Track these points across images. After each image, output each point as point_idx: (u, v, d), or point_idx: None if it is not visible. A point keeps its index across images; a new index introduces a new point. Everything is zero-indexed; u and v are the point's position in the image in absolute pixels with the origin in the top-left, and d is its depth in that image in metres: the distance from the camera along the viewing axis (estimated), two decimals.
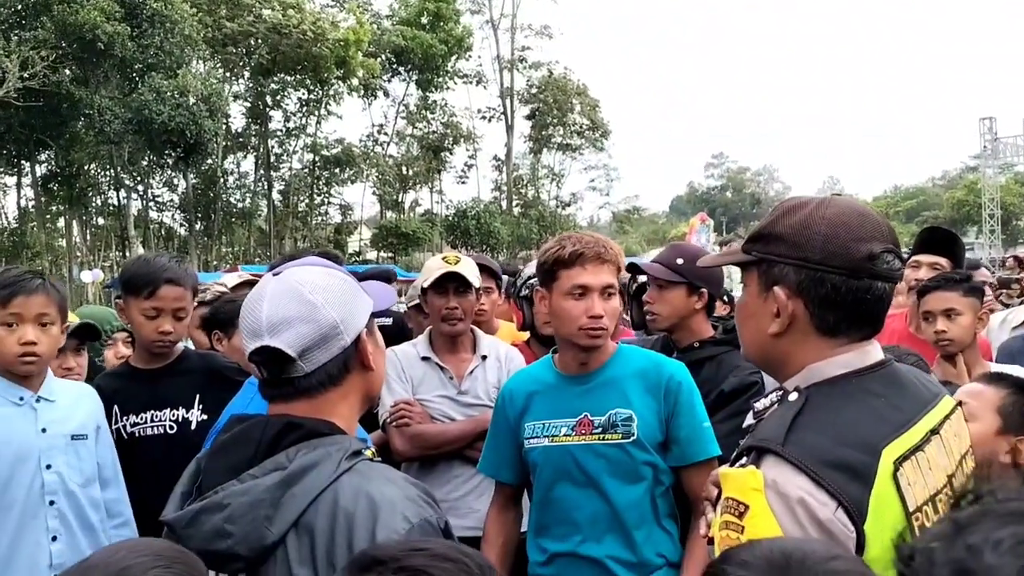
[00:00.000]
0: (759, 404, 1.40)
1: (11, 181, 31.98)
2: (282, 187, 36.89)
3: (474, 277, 2.93)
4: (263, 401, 1.46)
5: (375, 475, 1.36)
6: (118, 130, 26.38)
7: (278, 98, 34.56)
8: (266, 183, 35.88)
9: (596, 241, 2.27)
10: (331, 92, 34.76)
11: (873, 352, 1.37)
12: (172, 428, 2.62)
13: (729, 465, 1.32)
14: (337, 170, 36.77)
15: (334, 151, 36.42)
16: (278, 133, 35.87)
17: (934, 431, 1.31)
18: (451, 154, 40.76)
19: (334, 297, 1.40)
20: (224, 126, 30.92)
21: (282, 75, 32.87)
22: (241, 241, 36.86)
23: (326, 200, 38.34)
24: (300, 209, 37.49)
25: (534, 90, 41.66)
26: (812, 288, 1.32)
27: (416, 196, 41.82)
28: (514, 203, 42.00)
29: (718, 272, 2.92)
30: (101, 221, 34.34)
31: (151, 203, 34.25)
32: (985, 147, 44.91)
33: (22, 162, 30.03)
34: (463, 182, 44.16)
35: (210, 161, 31.76)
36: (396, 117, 39.40)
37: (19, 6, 25.09)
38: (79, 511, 2.32)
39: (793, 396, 1.32)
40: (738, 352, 2.67)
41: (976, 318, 2.97)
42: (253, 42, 30.74)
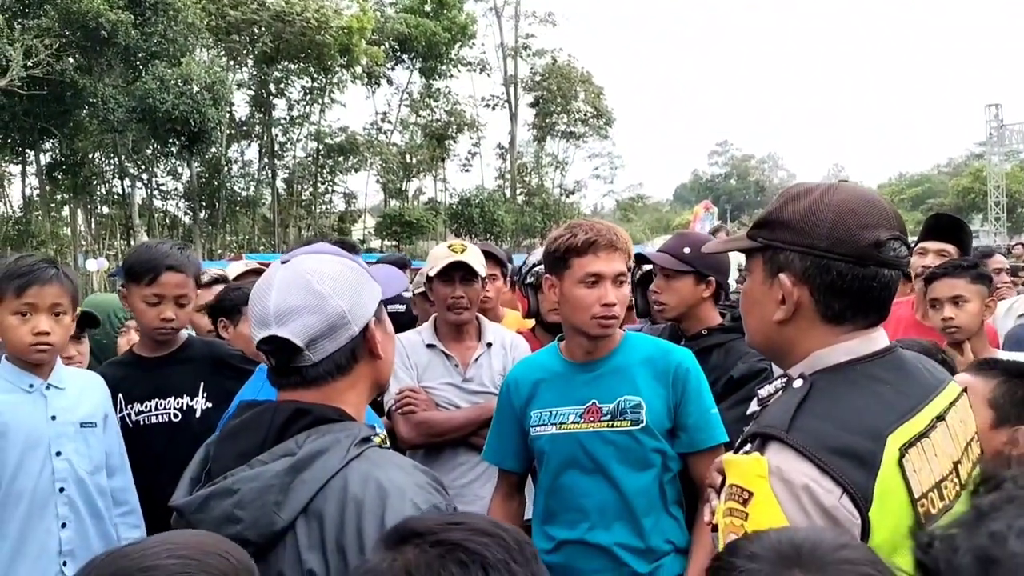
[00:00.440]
0: (763, 391, 1.39)
1: (16, 170, 31.99)
2: (286, 175, 36.87)
3: (480, 266, 2.93)
4: (273, 388, 1.47)
5: (384, 461, 1.37)
6: (122, 118, 26.36)
7: (282, 86, 34.49)
8: (270, 171, 35.86)
9: (608, 228, 2.27)
10: (335, 80, 34.68)
11: (878, 338, 1.36)
12: (176, 416, 2.63)
13: (733, 452, 1.33)
14: (341, 158, 36.73)
15: (338, 139, 36.36)
16: (282, 121, 35.82)
17: (940, 417, 1.31)
18: (455, 142, 40.68)
19: (342, 286, 1.40)
20: (228, 114, 30.89)
21: (286, 63, 32.79)
22: (245, 230, 36.86)
23: (330, 188, 38.32)
24: (304, 198, 37.47)
25: (538, 78, 41.49)
26: (818, 275, 1.32)
27: (420, 184, 41.78)
28: (518, 191, 41.90)
29: (725, 260, 2.91)
30: (106, 210, 34.35)
31: (155, 192, 34.27)
32: (991, 134, 44.70)
33: (26, 151, 30.01)
34: (467, 170, 44.16)
35: (214, 149, 31.72)
36: (400, 105, 39.32)
37: None
38: (88, 498, 2.34)
39: (798, 383, 1.32)
40: (744, 340, 2.69)
41: (983, 305, 2.96)
42: (256, 30, 30.65)
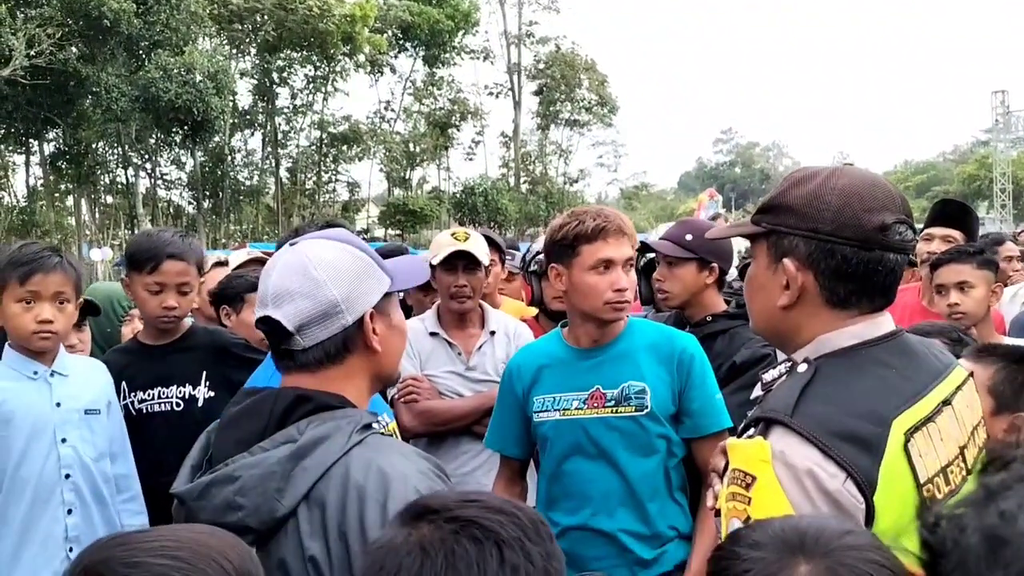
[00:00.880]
0: (767, 375, 1.39)
1: (19, 160, 31.99)
2: (289, 164, 36.82)
3: (483, 254, 2.92)
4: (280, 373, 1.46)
5: (386, 448, 1.36)
6: (125, 108, 26.34)
7: (285, 75, 34.40)
8: (273, 161, 35.81)
9: (615, 214, 2.27)
10: (338, 69, 34.59)
11: (884, 323, 1.35)
12: (179, 405, 2.62)
13: (737, 436, 1.32)
14: (344, 147, 36.68)
15: (341, 128, 36.29)
16: (285, 110, 35.74)
17: (946, 402, 1.30)
18: (458, 131, 40.59)
19: (340, 275, 1.39)
20: (231, 103, 30.81)
21: (288, 52, 32.70)
22: (249, 219, 36.86)
23: (333, 177, 38.27)
24: (308, 187, 37.43)
25: (541, 65, 41.33)
26: (822, 260, 1.30)
27: (423, 173, 41.72)
28: (522, 180, 41.84)
29: (727, 246, 2.91)
30: (110, 199, 34.38)
31: (159, 181, 34.27)
32: (997, 120, 44.47)
33: (30, 140, 30.03)
34: (470, 159, 44.18)
35: (217, 139, 31.69)
36: (403, 94, 39.23)
37: None
38: (93, 485, 2.34)
39: (802, 367, 1.31)
40: (748, 326, 2.69)
41: (990, 291, 2.95)
42: (259, 18, 30.57)
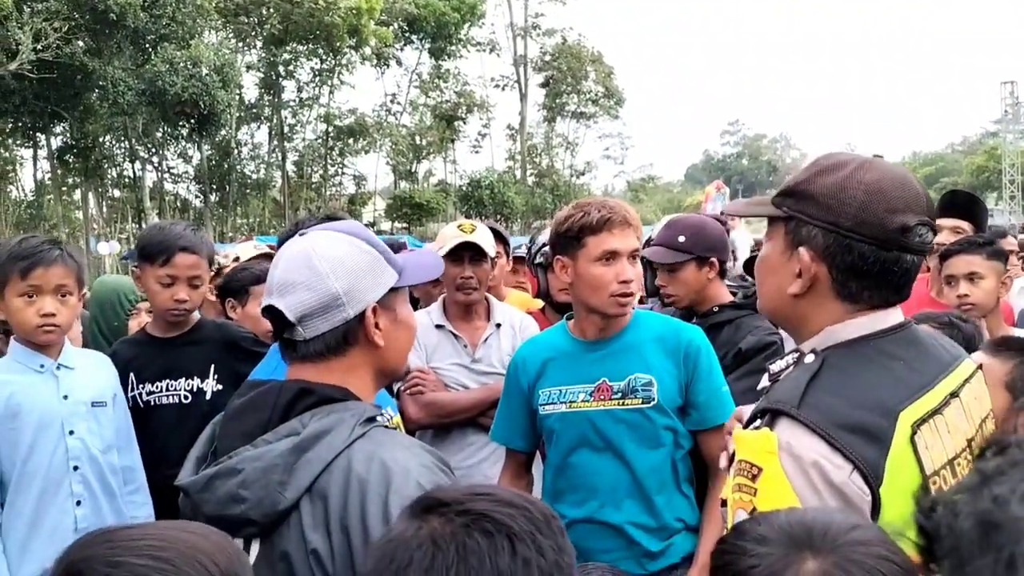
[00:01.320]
0: (774, 366, 1.38)
1: (27, 154, 32.12)
2: (296, 158, 36.88)
3: (489, 246, 2.92)
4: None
5: (389, 441, 1.35)
6: (132, 101, 26.40)
7: (291, 68, 34.42)
8: (280, 154, 35.87)
9: (620, 205, 2.26)
10: (344, 62, 34.58)
11: (892, 314, 1.34)
12: (187, 398, 2.63)
13: (743, 427, 1.31)
14: (351, 140, 36.69)
15: (347, 121, 36.30)
16: (291, 104, 35.77)
17: (954, 394, 1.29)
18: (464, 123, 40.55)
19: (343, 268, 1.38)
20: (237, 97, 30.85)
21: (294, 45, 32.70)
22: (256, 212, 36.93)
23: (340, 171, 38.31)
24: (314, 180, 37.48)
25: (548, 57, 41.24)
26: (839, 254, 1.29)
27: (430, 166, 41.72)
28: (528, 172, 41.79)
29: (721, 236, 2.88)
30: (117, 193, 34.49)
31: (166, 175, 34.36)
32: (1006, 111, 44.24)
33: (37, 134, 30.12)
34: (477, 152, 44.13)
35: (224, 132, 31.74)
36: (409, 86, 39.20)
37: None
38: (101, 476, 2.36)
39: (809, 358, 1.31)
40: (756, 315, 2.68)
41: (1000, 282, 2.93)
42: (265, 11, 30.58)
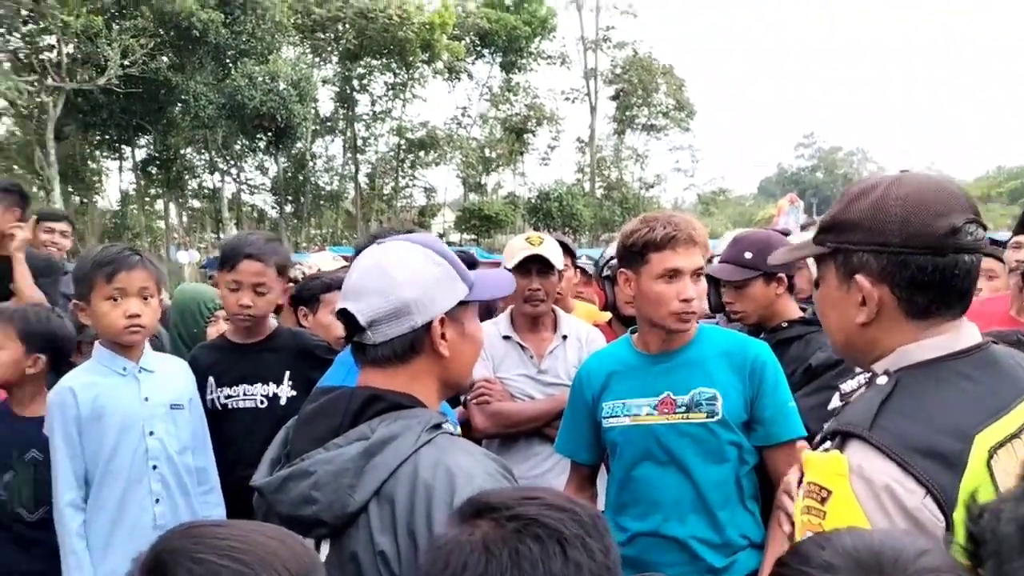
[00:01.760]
0: (846, 386, 1.36)
1: (113, 165, 33.42)
2: (368, 170, 37.50)
3: (557, 259, 2.93)
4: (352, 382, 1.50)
5: (454, 448, 1.38)
6: (212, 115, 27.28)
7: (365, 82, 35.07)
8: (353, 166, 36.55)
9: (686, 222, 2.24)
10: (416, 75, 35.10)
11: (967, 334, 1.31)
12: (263, 403, 2.72)
13: (812, 449, 1.29)
14: (422, 153, 37.17)
15: (419, 134, 36.81)
16: (365, 117, 36.43)
17: None
18: (534, 136, 40.67)
19: (414, 277, 1.42)
20: (313, 110, 31.58)
21: (368, 59, 33.34)
22: (329, 223, 37.69)
23: (411, 183, 38.83)
24: (385, 192, 38.06)
25: (618, 70, 41.13)
26: (897, 272, 1.27)
27: (499, 178, 41.93)
28: (597, 185, 41.68)
29: None
30: (197, 204, 35.60)
31: (244, 186, 35.35)
32: None
33: (123, 147, 31.34)
34: (546, 164, 44.07)
35: (300, 145, 32.51)
36: (479, 99, 39.54)
37: None
38: (177, 476, 2.45)
39: (882, 379, 1.28)
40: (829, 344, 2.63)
41: None
42: (341, 27, 31.26)
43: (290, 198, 35.05)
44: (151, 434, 2.41)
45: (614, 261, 3.21)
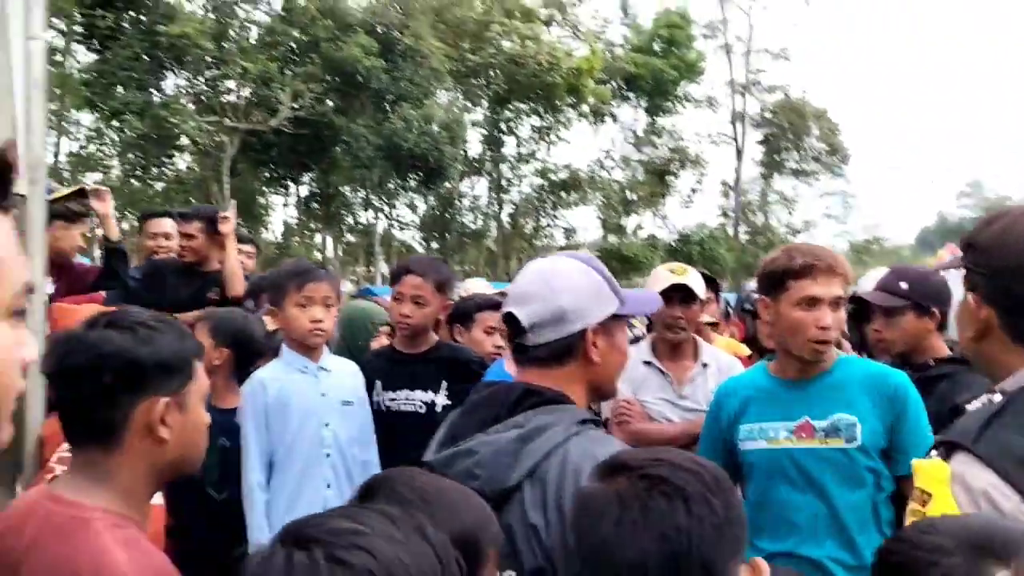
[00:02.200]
0: (970, 405, 1.43)
1: (278, 200, 35.71)
2: (511, 210, 38.26)
3: (700, 289, 3.03)
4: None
5: (601, 440, 1.55)
6: (371, 155, 28.77)
7: (512, 125, 35.97)
8: (497, 205, 37.41)
9: (827, 252, 2.29)
10: (562, 119, 35.70)
11: None
12: (422, 408, 2.98)
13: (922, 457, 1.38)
14: (564, 193, 37.60)
15: (562, 175, 37.30)
16: (510, 158, 37.29)
17: None
18: (676, 178, 40.34)
19: (573, 288, 1.59)
20: (462, 152, 32.71)
21: (517, 103, 34.26)
22: (472, 260, 38.64)
23: (552, 222, 39.28)
24: (527, 231, 38.69)
25: (767, 114, 40.33)
26: (999, 297, 1.36)
27: (639, 220, 41.76)
28: (742, 229, 40.79)
29: (946, 288, 2.82)
30: (352, 238, 37.48)
31: (394, 223, 36.91)
32: None
33: (288, 184, 33.49)
34: (688, 207, 43.47)
35: (448, 184, 33.66)
36: (623, 141, 39.68)
37: (293, 44, 28.18)
38: (346, 465, 2.75)
39: (997, 397, 1.36)
40: (974, 371, 2.58)
41: None
42: (492, 73, 32.33)
43: (436, 235, 36.23)
44: (327, 425, 2.71)
45: (755, 295, 3.27)
